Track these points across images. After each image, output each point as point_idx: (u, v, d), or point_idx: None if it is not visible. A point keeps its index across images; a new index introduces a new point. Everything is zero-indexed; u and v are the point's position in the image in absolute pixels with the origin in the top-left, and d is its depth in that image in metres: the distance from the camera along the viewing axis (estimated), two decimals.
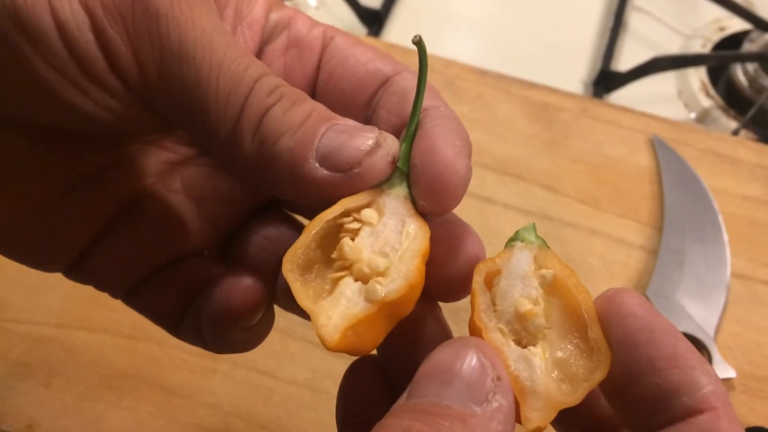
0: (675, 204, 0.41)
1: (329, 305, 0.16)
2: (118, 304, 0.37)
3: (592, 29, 0.55)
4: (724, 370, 0.35)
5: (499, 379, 0.15)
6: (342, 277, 0.17)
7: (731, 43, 0.55)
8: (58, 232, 0.20)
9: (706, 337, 0.36)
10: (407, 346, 0.19)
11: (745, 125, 0.50)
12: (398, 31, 0.54)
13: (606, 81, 0.51)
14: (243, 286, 0.20)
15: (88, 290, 0.39)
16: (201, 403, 0.35)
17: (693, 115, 0.52)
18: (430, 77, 0.46)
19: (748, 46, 0.53)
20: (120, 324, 0.37)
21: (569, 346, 0.17)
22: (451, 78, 0.46)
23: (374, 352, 0.20)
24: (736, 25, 0.56)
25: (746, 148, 0.44)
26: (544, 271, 0.17)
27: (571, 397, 0.16)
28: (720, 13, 0.56)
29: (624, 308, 0.16)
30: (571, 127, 0.44)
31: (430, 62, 0.19)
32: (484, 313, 0.17)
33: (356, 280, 0.17)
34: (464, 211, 0.20)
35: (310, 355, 0.37)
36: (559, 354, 0.16)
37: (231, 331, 0.21)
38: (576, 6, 0.57)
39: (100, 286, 0.22)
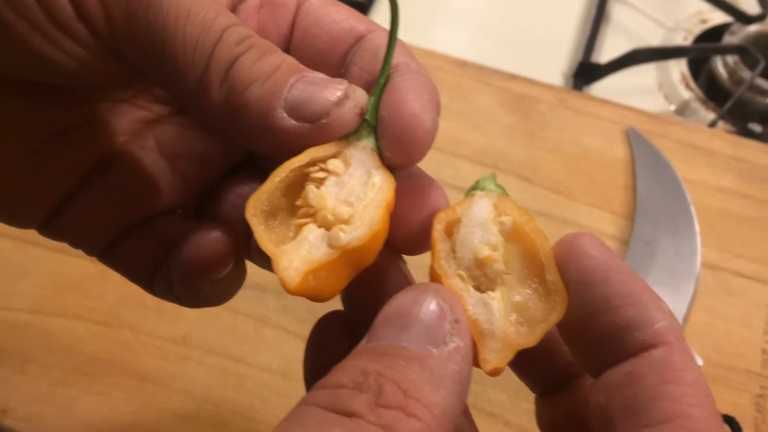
0: (648, 195, 0.41)
1: (291, 249, 0.16)
2: (93, 291, 0.38)
3: (575, 21, 0.55)
4: None
5: (457, 321, 0.16)
6: (306, 224, 0.17)
7: (713, 35, 0.55)
8: (31, 188, 0.20)
9: None
10: (371, 298, 0.19)
11: (724, 117, 0.50)
12: (381, 22, 0.54)
13: (586, 73, 0.51)
14: (211, 238, 0.20)
15: (63, 277, 0.39)
16: (174, 389, 0.36)
17: (673, 107, 0.52)
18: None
19: (728, 39, 0.53)
20: (94, 311, 0.37)
21: (528, 290, 0.17)
22: (431, 69, 0.46)
23: (341, 307, 0.20)
24: (718, 17, 0.56)
25: (721, 140, 0.44)
26: (503, 218, 0.17)
27: (528, 338, 0.16)
28: (702, 5, 0.56)
29: (580, 250, 0.16)
30: (548, 118, 0.44)
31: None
32: (443, 260, 0.17)
33: (320, 227, 0.17)
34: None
35: (284, 343, 0.37)
36: (518, 298, 0.17)
37: (200, 283, 0.21)
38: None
39: (75, 243, 0.22)
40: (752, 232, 0.40)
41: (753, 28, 0.53)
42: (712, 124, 0.49)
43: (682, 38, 0.55)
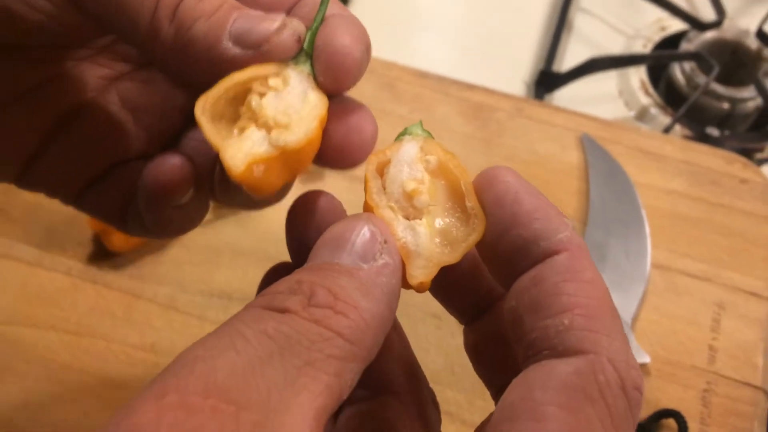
0: (600, 199, 0.42)
1: (236, 142, 0.19)
2: (64, 303, 0.39)
3: (538, 30, 0.57)
4: (639, 355, 0.37)
5: (386, 242, 0.18)
6: (248, 126, 0.19)
7: (672, 42, 0.57)
8: (3, 143, 0.23)
9: (624, 324, 0.38)
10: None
11: (682, 122, 0.52)
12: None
13: (547, 81, 0.53)
14: (170, 163, 0.23)
15: (36, 289, 0.41)
16: None
17: (633, 113, 0.54)
18: (371, 79, 0.48)
19: (685, 46, 0.55)
20: (66, 321, 0.39)
21: (451, 218, 0.19)
22: (392, 79, 0.47)
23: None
24: (677, 25, 0.57)
25: (672, 144, 0.46)
26: (428, 157, 0.20)
27: (451, 256, 0.19)
28: (661, 14, 0.58)
29: (496, 177, 0.19)
30: (505, 127, 0.46)
31: (371, 64, 0.21)
32: (375, 195, 0.19)
33: (260, 130, 0.19)
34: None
35: None
36: (442, 224, 0.19)
37: (163, 207, 0.23)
38: (522, 7, 0.58)
39: (50, 192, 0.24)
40: (700, 233, 0.42)
41: (709, 35, 0.55)
42: (668, 128, 0.51)
43: (642, 46, 0.57)
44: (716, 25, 0.55)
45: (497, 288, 0.20)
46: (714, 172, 0.44)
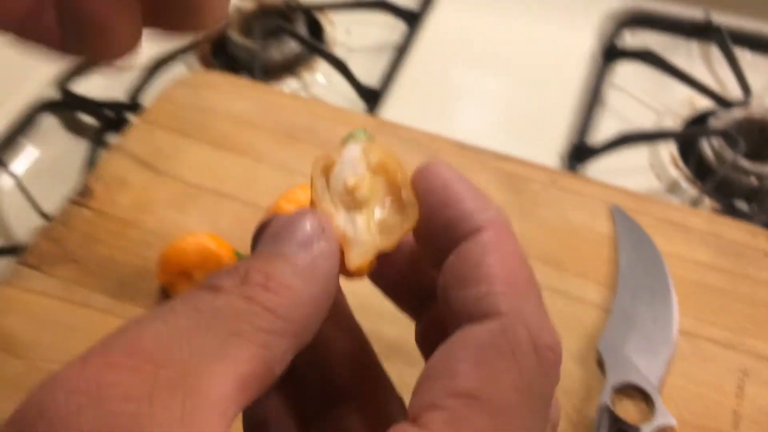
0: (629, 267, 0.45)
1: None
2: None
3: (571, 104, 0.60)
4: (665, 418, 0.39)
5: (324, 231, 0.19)
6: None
7: (702, 119, 0.60)
8: None
9: (651, 388, 0.40)
10: None
11: (711, 195, 0.54)
12: (392, 109, 0.60)
13: (579, 154, 0.56)
14: None
15: None
16: None
17: (663, 186, 0.56)
18: (416, 149, 0.52)
19: (713, 123, 0.57)
20: None
21: (389, 210, 0.21)
22: (434, 151, 0.51)
23: None
24: (706, 103, 0.60)
25: (699, 217, 0.48)
26: (370, 155, 0.21)
27: (387, 242, 0.20)
28: (692, 92, 0.61)
29: (429, 169, 0.20)
30: (539, 196, 0.49)
31: (416, 137, 0.23)
32: (319, 191, 0.21)
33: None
34: None
35: None
36: (380, 216, 0.21)
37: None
38: (557, 83, 0.62)
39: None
40: (726, 302, 0.44)
41: (736, 113, 0.58)
42: (697, 202, 0.53)
43: (672, 121, 0.60)
44: (743, 103, 0.58)
45: (430, 267, 0.22)
46: (739, 245, 0.46)
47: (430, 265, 0.21)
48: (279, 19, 0.65)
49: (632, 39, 0.66)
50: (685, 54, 0.65)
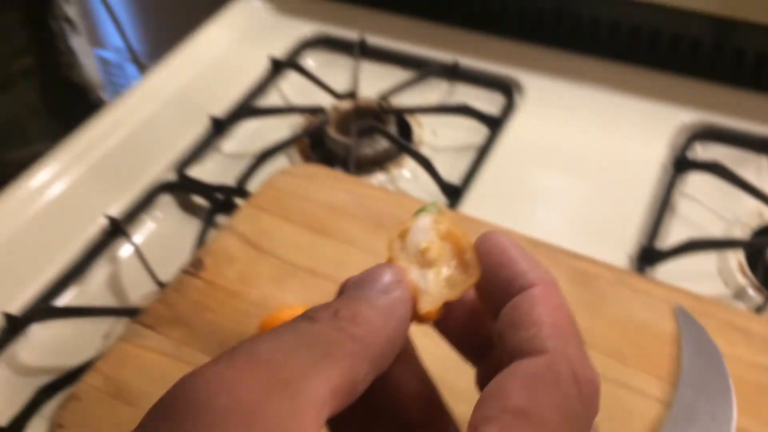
0: (691, 366, 0.47)
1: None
2: None
3: (642, 209, 0.64)
4: None
5: (400, 282, 0.23)
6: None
7: None
8: None
9: None
10: None
11: None
12: (472, 205, 0.65)
13: (648, 257, 0.59)
14: None
15: None
16: None
17: (730, 292, 0.59)
18: None
19: None
20: None
21: (454, 270, 0.25)
22: None
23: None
24: None
25: (762, 323, 0.50)
26: (439, 225, 0.25)
27: (452, 294, 0.24)
28: (760, 204, 0.64)
29: (489, 237, 0.24)
30: (607, 294, 0.52)
31: None
32: (396, 251, 0.25)
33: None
34: None
35: None
36: (446, 274, 0.25)
37: None
38: (629, 188, 0.66)
39: None
40: None
41: None
42: (761, 309, 0.55)
43: (741, 231, 0.63)
44: None
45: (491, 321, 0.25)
46: None
47: (489, 318, 0.25)
48: (372, 119, 0.72)
49: (703, 151, 0.70)
50: (755, 168, 0.68)
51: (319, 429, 0.19)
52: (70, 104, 1.26)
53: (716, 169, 0.65)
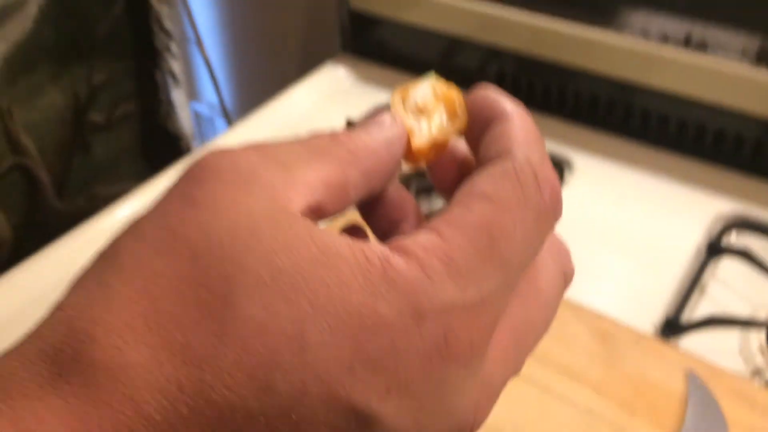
0: (694, 423, 0.51)
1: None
2: None
3: (673, 285, 0.68)
4: None
5: (396, 121, 0.25)
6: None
7: None
8: None
9: None
10: None
11: None
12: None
13: (671, 327, 0.63)
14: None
15: None
16: None
17: (747, 369, 0.62)
18: None
19: None
20: None
21: (446, 120, 0.27)
22: None
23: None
24: None
25: (764, 394, 0.54)
26: (436, 88, 0.28)
27: (442, 136, 0.26)
28: None
29: (478, 89, 0.26)
30: (625, 351, 0.56)
31: None
32: (395, 105, 0.27)
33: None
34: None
35: None
36: (438, 123, 0.27)
37: None
38: (662, 266, 0.70)
39: None
40: None
41: None
42: None
43: (765, 314, 0.66)
44: None
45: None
46: None
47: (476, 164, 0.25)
48: (429, 181, 0.79)
49: (737, 239, 0.74)
50: None
51: (298, 207, 0.20)
52: (162, 150, 1.38)
53: (745, 255, 0.69)
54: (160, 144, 1.39)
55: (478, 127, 0.25)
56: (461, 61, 0.95)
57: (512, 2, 0.83)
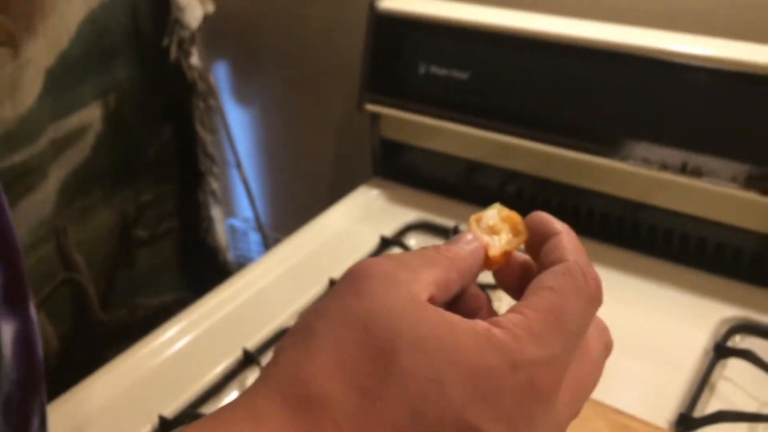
0: None
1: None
2: None
3: (685, 383, 0.75)
4: None
5: (476, 239, 0.33)
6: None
7: None
8: None
9: None
10: None
11: None
12: None
13: (685, 423, 0.69)
14: None
15: None
16: None
17: None
18: None
19: None
20: None
21: (511, 236, 0.35)
22: None
23: None
24: None
25: None
26: (502, 214, 0.36)
27: (510, 246, 0.34)
28: None
29: (534, 213, 0.34)
30: None
31: None
32: (474, 228, 0.35)
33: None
34: None
35: None
36: (506, 238, 0.35)
37: None
38: (674, 365, 0.77)
39: None
40: None
41: None
42: None
43: None
44: None
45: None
46: None
47: (536, 268, 0.33)
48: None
49: (741, 341, 0.81)
50: None
51: (425, 297, 0.28)
52: (200, 263, 1.47)
53: (748, 356, 0.76)
54: (199, 257, 1.48)
55: (537, 241, 0.33)
56: (482, 182, 1.05)
57: (523, 134, 0.94)
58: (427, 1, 0.98)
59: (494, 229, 0.35)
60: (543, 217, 0.34)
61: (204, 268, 1.47)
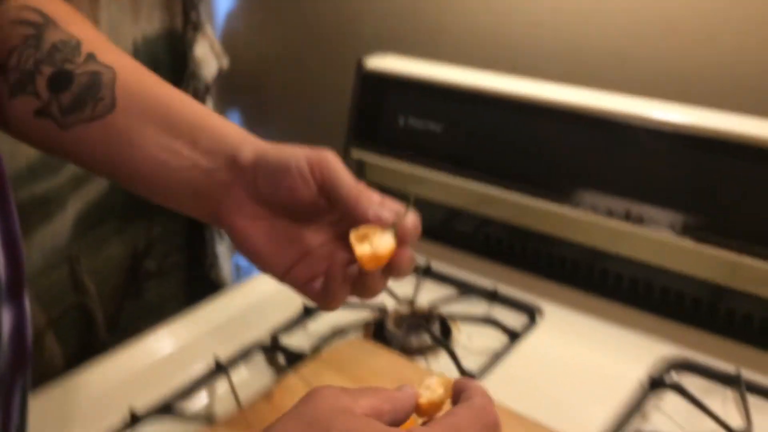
0: None
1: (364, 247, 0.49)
2: None
3: (620, 412, 0.81)
4: None
5: (413, 388, 0.44)
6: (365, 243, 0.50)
7: None
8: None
9: None
10: None
11: None
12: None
13: None
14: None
15: None
16: None
17: None
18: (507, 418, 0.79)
19: None
20: None
21: (442, 393, 0.46)
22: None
23: None
24: None
25: None
26: (440, 378, 0.47)
27: (437, 399, 0.45)
28: (717, 425, 0.79)
29: (460, 380, 0.46)
30: None
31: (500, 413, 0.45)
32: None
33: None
34: None
35: None
36: (438, 392, 0.46)
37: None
38: (612, 396, 0.83)
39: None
40: None
41: None
42: None
43: None
44: None
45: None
46: None
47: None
48: (422, 320, 0.95)
49: (677, 377, 0.87)
50: (721, 397, 0.84)
51: (361, 413, 0.40)
52: (205, 297, 1.56)
53: (679, 389, 0.82)
54: (203, 291, 1.56)
55: (459, 391, 0.45)
56: (459, 227, 1.14)
57: (497, 183, 1.03)
58: (407, 61, 1.09)
59: (430, 388, 0.46)
60: (467, 381, 0.45)
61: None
